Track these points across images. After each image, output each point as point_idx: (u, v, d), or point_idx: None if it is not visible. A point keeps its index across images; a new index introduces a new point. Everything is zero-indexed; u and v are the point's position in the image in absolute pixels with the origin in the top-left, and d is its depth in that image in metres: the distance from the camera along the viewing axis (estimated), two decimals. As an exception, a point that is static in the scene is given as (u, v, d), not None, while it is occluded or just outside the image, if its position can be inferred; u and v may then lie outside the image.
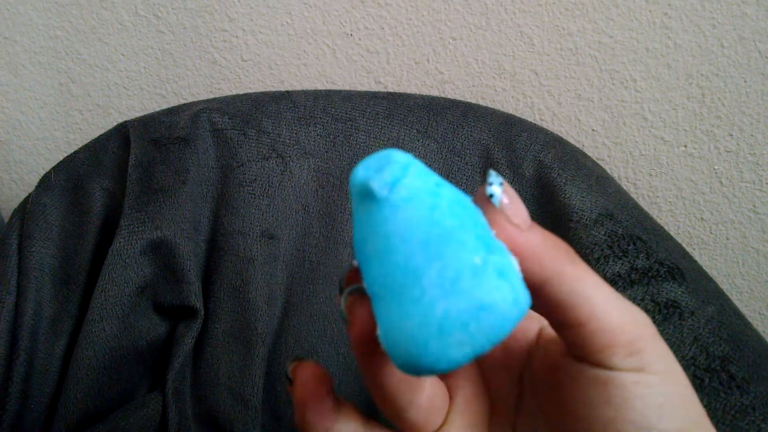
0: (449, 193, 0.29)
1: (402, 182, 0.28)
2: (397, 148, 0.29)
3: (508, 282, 0.27)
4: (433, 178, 0.29)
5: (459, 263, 0.27)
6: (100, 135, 0.82)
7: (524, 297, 0.28)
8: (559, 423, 0.33)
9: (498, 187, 0.31)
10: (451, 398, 0.36)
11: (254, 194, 0.80)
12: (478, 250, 0.27)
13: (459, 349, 0.27)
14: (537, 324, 0.37)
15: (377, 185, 0.27)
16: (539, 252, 0.30)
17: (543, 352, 0.35)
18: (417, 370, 0.27)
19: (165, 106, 0.98)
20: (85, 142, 0.84)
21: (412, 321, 0.27)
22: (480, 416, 0.37)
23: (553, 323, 0.32)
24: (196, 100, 0.96)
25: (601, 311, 0.30)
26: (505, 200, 0.31)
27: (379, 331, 0.28)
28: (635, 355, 0.30)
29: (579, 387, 0.31)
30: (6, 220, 1.00)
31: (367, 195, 0.28)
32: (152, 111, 0.87)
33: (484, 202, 0.31)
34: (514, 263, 0.29)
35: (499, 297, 0.27)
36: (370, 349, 0.31)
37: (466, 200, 0.30)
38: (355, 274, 0.32)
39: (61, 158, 0.82)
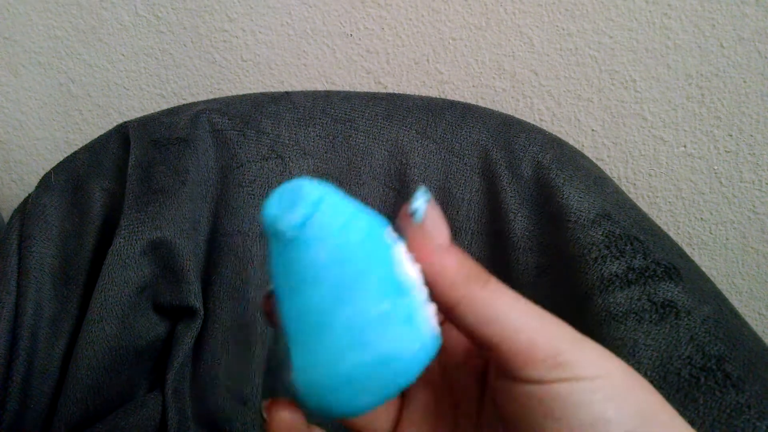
0: (361, 227, 0.29)
1: (311, 221, 0.28)
2: (309, 179, 0.28)
3: (414, 328, 0.27)
4: (346, 211, 0.29)
5: (366, 310, 0.27)
6: (100, 135, 0.83)
7: (431, 340, 0.28)
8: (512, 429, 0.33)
9: (423, 204, 0.31)
10: (408, 401, 0.37)
11: (254, 195, 0.80)
12: (385, 295, 0.28)
13: (367, 397, 0.27)
14: None
15: (286, 225, 0.27)
16: (452, 275, 0.31)
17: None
18: (327, 415, 0.28)
19: (165, 106, 0.98)
20: (85, 142, 0.84)
21: (324, 370, 0.27)
22: (441, 417, 0.37)
23: (474, 345, 0.32)
24: (195, 100, 0.96)
25: (511, 331, 0.30)
26: (427, 218, 0.31)
27: (291, 375, 0.28)
28: (559, 367, 0.29)
29: (518, 404, 0.31)
30: (6, 220, 1.00)
31: (277, 233, 0.28)
32: (152, 111, 0.87)
33: (405, 219, 0.31)
34: (423, 301, 0.29)
35: (403, 347, 0.27)
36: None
37: (380, 233, 0.30)
38: (267, 301, 0.32)
39: (61, 158, 0.82)
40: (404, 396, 0.38)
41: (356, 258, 0.28)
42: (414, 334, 0.28)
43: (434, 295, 0.31)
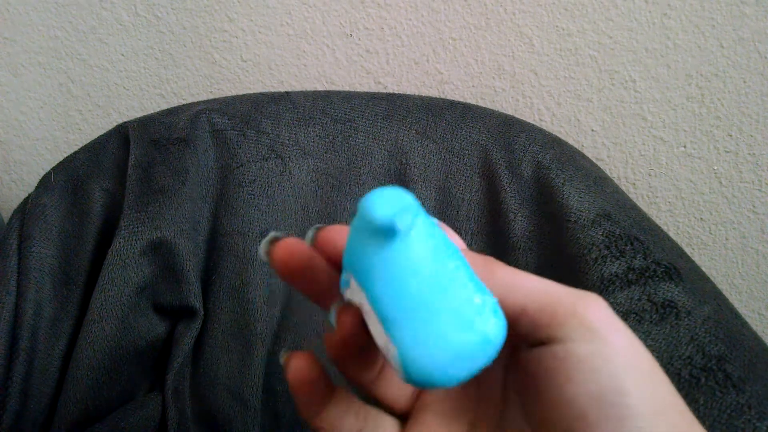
0: (441, 234, 0.33)
1: (417, 222, 0.32)
2: (402, 188, 0.32)
3: (500, 319, 0.32)
4: (431, 220, 0.33)
5: (466, 302, 0.32)
6: (100, 135, 0.83)
7: (506, 328, 0.33)
8: (534, 413, 0.34)
9: (435, 220, 0.35)
10: None
11: (253, 195, 0.80)
12: (476, 291, 0.32)
13: (466, 371, 0.32)
14: None
15: (402, 223, 0.31)
16: (474, 262, 0.34)
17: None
18: (429, 384, 0.32)
19: (164, 107, 0.98)
20: (85, 142, 0.84)
21: (435, 347, 0.31)
22: (460, 408, 0.39)
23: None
24: (195, 100, 0.96)
25: (537, 291, 0.33)
26: (443, 226, 0.35)
27: (394, 352, 0.32)
28: (584, 325, 0.31)
29: (544, 369, 0.32)
30: (6, 220, 1.00)
31: (386, 230, 0.31)
32: (152, 111, 0.87)
33: None
34: (496, 301, 0.33)
35: (496, 332, 0.32)
36: (349, 350, 0.36)
37: (449, 239, 0.34)
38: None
39: (61, 158, 0.82)
40: None
41: (448, 258, 0.32)
42: (502, 323, 0.32)
43: None
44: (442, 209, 0.79)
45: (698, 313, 0.64)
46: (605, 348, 0.31)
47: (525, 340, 0.34)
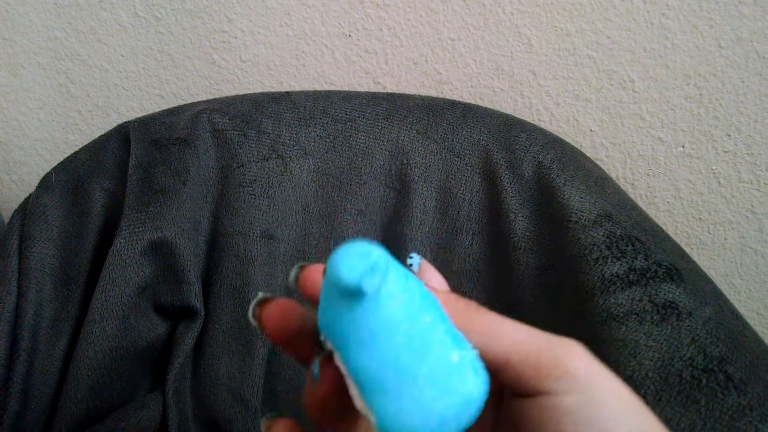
0: (416, 286, 0.33)
1: (386, 281, 0.31)
2: (366, 241, 0.31)
3: (480, 376, 0.32)
4: (404, 272, 0.33)
5: (443, 362, 0.31)
6: (101, 136, 0.83)
7: (487, 383, 0.32)
8: None
9: (417, 259, 0.37)
10: None
11: (254, 195, 0.80)
12: (453, 347, 0.32)
13: None
14: None
15: (369, 285, 0.30)
16: (453, 308, 0.34)
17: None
18: None
19: (164, 107, 0.98)
20: (85, 142, 0.84)
21: (417, 414, 0.31)
22: None
23: (489, 372, 0.34)
24: (194, 100, 0.96)
25: (520, 342, 0.33)
26: (426, 267, 0.36)
27: (373, 420, 0.32)
28: (566, 376, 0.31)
29: (533, 418, 0.32)
30: (5, 220, 1.00)
31: (353, 292, 0.31)
32: (151, 111, 0.87)
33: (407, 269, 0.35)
34: (476, 351, 0.33)
35: (477, 390, 0.31)
36: (331, 405, 0.35)
37: (426, 290, 0.34)
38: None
39: (61, 159, 0.82)
40: None
41: (421, 314, 0.32)
42: (481, 378, 0.32)
43: None
44: (443, 209, 0.79)
45: (699, 314, 0.64)
46: (591, 397, 0.31)
47: (510, 389, 0.34)
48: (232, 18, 0.94)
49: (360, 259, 0.30)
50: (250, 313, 0.37)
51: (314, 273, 0.36)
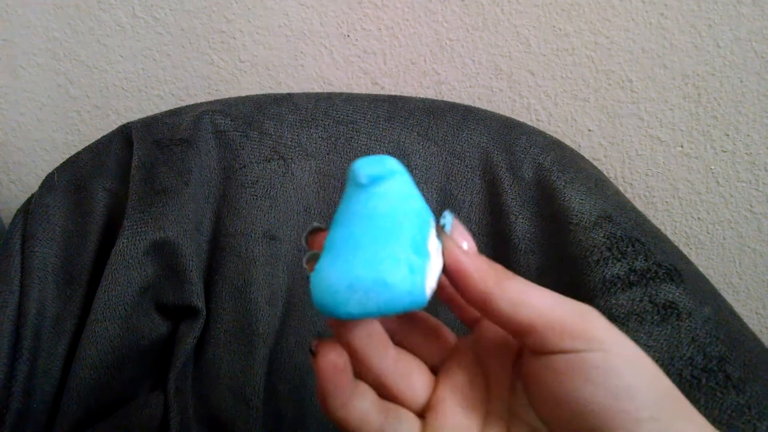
0: (414, 205, 0.37)
1: (383, 181, 0.36)
2: (395, 159, 0.37)
3: (413, 277, 0.34)
4: (411, 192, 0.37)
5: (389, 252, 0.35)
6: (103, 136, 0.83)
7: (420, 294, 0.35)
8: (545, 409, 0.37)
9: (450, 219, 0.38)
10: (443, 381, 0.42)
11: (256, 195, 0.80)
12: (406, 249, 0.35)
13: (356, 306, 0.34)
14: None
15: (363, 175, 0.36)
16: (483, 273, 0.36)
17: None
18: (325, 310, 0.35)
19: (163, 108, 0.98)
20: (84, 143, 0.85)
21: (334, 274, 0.35)
22: (474, 400, 0.41)
23: (510, 330, 0.37)
24: (193, 101, 0.96)
25: (547, 308, 0.35)
26: (455, 229, 0.38)
27: (308, 269, 0.37)
28: (593, 341, 0.34)
29: (557, 373, 0.35)
30: (5, 221, 1.00)
31: (355, 180, 0.36)
32: (150, 112, 0.87)
33: (439, 229, 0.38)
34: (429, 269, 0.35)
35: (398, 282, 0.34)
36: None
37: (427, 216, 0.37)
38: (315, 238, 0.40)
39: (60, 159, 0.82)
40: (439, 374, 0.43)
41: (402, 219, 0.36)
42: (411, 281, 0.34)
43: (466, 291, 0.37)
44: (443, 210, 0.80)
45: (699, 314, 0.65)
46: (613, 354, 0.34)
47: (531, 350, 0.36)
48: (230, 18, 0.94)
49: (374, 162, 0.36)
50: (303, 240, 0.40)
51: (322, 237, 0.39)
